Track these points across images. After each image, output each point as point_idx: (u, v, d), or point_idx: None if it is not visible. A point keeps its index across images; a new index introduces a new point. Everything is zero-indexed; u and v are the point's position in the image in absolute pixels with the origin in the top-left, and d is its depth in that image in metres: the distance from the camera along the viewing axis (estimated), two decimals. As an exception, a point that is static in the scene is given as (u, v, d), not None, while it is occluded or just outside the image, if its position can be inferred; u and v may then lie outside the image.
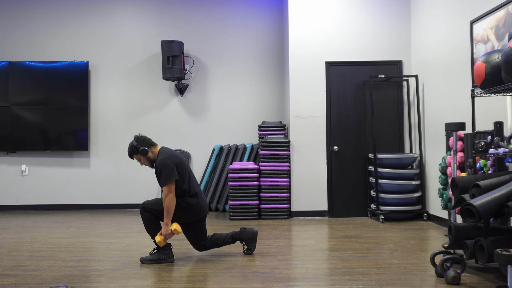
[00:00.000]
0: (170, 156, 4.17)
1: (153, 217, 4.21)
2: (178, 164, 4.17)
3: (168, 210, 4.07)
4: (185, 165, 4.26)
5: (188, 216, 4.24)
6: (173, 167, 4.11)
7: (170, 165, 4.10)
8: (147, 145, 4.23)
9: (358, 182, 6.70)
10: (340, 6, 6.76)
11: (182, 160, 4.25)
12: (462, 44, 5.25)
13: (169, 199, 4.06)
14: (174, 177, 4.09)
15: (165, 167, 4.09)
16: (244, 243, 4.46)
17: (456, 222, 3.62)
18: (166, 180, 4.07)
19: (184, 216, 4.23)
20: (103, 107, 7.80)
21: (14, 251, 4.74)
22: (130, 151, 4.25)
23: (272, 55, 7.76)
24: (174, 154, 4.22)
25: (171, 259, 4.24)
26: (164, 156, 4.17)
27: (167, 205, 4.06)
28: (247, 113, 7.74)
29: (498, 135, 3.86)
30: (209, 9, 7.79)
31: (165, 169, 4.08)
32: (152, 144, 4.27)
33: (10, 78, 7.67)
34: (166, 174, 4.07)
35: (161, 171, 4.09)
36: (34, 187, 7.79)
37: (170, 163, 4.11)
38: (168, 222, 4.09)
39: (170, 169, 4.09)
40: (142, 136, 4.28)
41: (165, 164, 4.10)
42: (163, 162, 4.11)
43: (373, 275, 3.71)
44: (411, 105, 6.69)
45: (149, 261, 4.19)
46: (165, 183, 4.07)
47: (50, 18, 7.85)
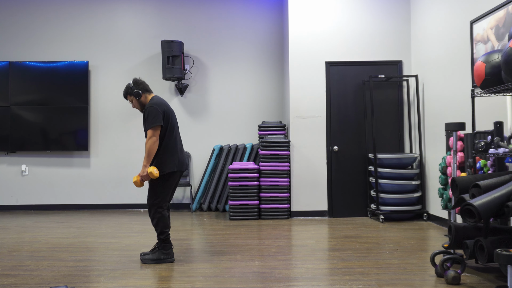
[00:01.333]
0: (159, 103, 4.22)
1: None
2: (165, 112, 4.20)
3: (149, 152, 4.09)
4: (172, 118, 4.27)
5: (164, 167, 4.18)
6: (160, 112, 4.15)
7: (158, 109, 4.15)
8: (142, 90, 4.29)
9: (358, 182, 6.70)
10: (340, 6, 6.76)
11: (170, 111, 4.27)
12: (462, 44, 5.25)
13: (151, 142, 4.09)
14: (159, 122, 4.12)
15: (152, 110, 4.14)
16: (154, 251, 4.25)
17: (456, 222, 3.62)
18: (151, 123, 4.11)
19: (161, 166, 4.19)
20: (103, 107, 7.80)
21: (14, 251, 4.74)
22: (125, 91, 4.32)
23: (272, 55, 7.76)
24: (164, 103, 4.26)
25: (172, 259, 4.24)
26: (155, 101, 4.23)
27: (149, 147, 4.09)
28: (247, 113, 7.74)
29: (498, 135, 3.86)
30: (209, 9, 7.79)
31: (152, 113, 4.13)
32: (148, 90, 4.33)
33: (10, 78, 7.67)
34: (153, 118, 4.11)
35: (148, 114, 4.14)
36: (34, 187, 7.79)
37: (159, 108, 4.17)
38: (146, 164, 4.11)
39: (157, 113, 4.13)
40: (141, 80, 4.34)
41: (153, 107, 4.16)
42: (151, 106, 4.17)
43: (373, 275, 3.71)
44: (411, 105, 6.69)
45: (150, 261, 4.19)
46: (150, 125, 4.11)
47: (50, 18, 7.85)
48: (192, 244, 4.99)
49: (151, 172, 4.08)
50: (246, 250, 4.62)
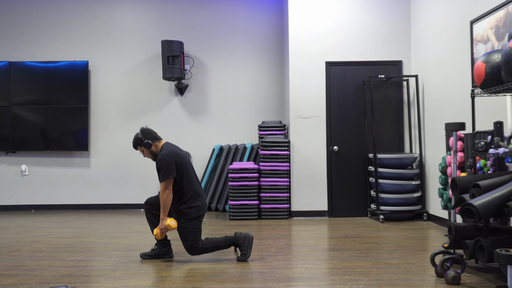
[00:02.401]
0: (171, 153, 4.18)
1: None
2: (178, 162, 4.18)
3: (164, 205, 4.11)
4: (186, 164, 4.25)
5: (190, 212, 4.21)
6: (172, 164, 4.13)
7: (169, 161, 4.13)
8: (152, 139, 4.28)
9: (358, 182, 6.70)
10: (340, 6, 6.76)
11: (183, 158, 4.24)
12: (462, 44, 5.25)
13: (165, 195, 4.10)
14: (172, 174, 4.11)
15: (164, 163, 4.12)
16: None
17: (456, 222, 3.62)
18: (164, 177, 4.10)
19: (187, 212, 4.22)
20: (103, 107, 7.80)
21: (14, 251, 4.74)
22: (135, 143, 4.32)
23: (272, 55, 7.76)
24: (176, 152, 4.22)
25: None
26: (166, 152, 4.20)
27: (163, 201, 4.11)
28: (247, 113, 7.74)
29: (498, 135, 3.86)
30: (209, 9, 7.79)
31: (164, 165, 4.11)
32: (157, 138, 4.32)
33: (10, 78, 7.67)
34: (165, 171, 4.10)
35: (160, 166, 4.13)
36: (34, 187, 7.79)
37: (170, 160, 4.14)
38: (163, 217, 4.13)
39: (169, 165, 4.11)
40: (148, 129, 4.32)
41: (165, 160, 4.13)
42: (163, 158, 4.14)
43: (373, 275, 3.71)
44: (411, 105, 6.69)
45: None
46: (163, 179, 4.11)
47: (50, 18, 7.85)
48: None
49: (168, 225, 4.12)
50: (246, 250, 4.61)
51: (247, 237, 4.23)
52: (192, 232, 4.21)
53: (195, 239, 4.22)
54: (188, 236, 4.20)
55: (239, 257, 4.24)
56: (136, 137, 4.29)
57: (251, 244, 4.23)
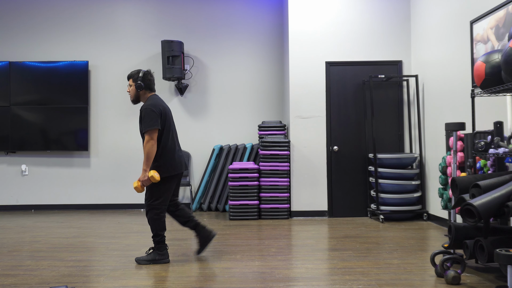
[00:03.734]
0: (156, 104, 4.15)
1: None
2: (162, 114, 4.15)
3: (148, 156, 4.04)
4: (169, 119, 4.23)
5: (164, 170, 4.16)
6: (158, 115, 4.09)
7: (155, 112, 4.08)
8: (146, 85, 4.23)
9: (358, 182, 6.70)
10: (340, 6, 6.76)
11: (167, 112, 4.22)
12: (462, 44, 5.25)
13: (149, 145, 4.03)
14: (156, 125, 4.06)
15: (150, 113, 4.07)
16: (198, 240, 4.37)
17: (456, 222, 3.62)
18: (148, 126, 4.05)
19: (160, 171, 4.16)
20: (103, 107, 7.80)
21: (14, 251, 4.74)
22: (131, 75, 4.26)
23: (272, 55, 7.76)
24: (161, 104, 4.19)
25: (167, 260, 4.23)
26: (152, 102, 4.16)
27: (147, 151, 4.03)
28: (247, 113, 7.74)
29: (498, 135, 3.86)
30: (209, 9, 7.79)
31: (149, 115, 4.06)
32: (151, 88, 4.27)
33: (10, 78, 7.67)
34: (150, 120, 4.05)
35: (145, 115, 4.08)
36: (34, 187, 7.79)
37: (156, 110, 4.10)
38: (146, 169, 4.06)
39: (154, 115, 4.07)
40: (152, 76, 4.28)
41: (151, 110, 4.08)
42: (149, 108, 4.10)
43: (373, 275, 3.71)
44: (411, 105, 6.69)
45: (145, 262, 4.19)
46: (147, 128, 4.05)
47: (50, 18, 7.85)
48: (192, 244, 4.99)
49: (152, 176, 4.03)
50: (246, 250, 4.62)
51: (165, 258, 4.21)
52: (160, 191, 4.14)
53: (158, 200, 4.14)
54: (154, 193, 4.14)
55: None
56: (137, 72, 4.24)
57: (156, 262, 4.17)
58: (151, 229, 4.21)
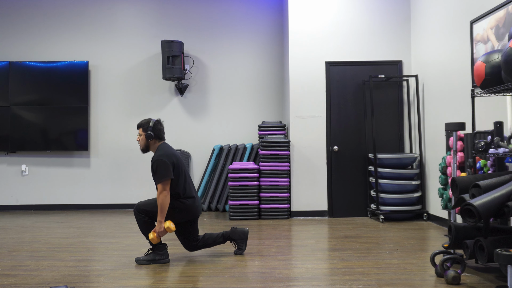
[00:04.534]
0: (168, 154, 4.16)
1: (147, 218, 4.21)
2: (175, 164, 4.16)
3: (162, 207, 4.06)
4: (182, 166, 4.24)
5: (181, 216, 4.23)
6: (169, 165, 4.10)
7: (167, 162, 4.10)
8: (156, 135, 4.26)
9: (358, 182, 6.70)
10: (340, 6, 6.76)
11: (179, 160, 4.23)
12: (462, 44, 5.25)
13: (163, 197, 4.05)
14: (169, 176, 4.08)
15: (161, 164, 4.08)
16: (235, 243, 4.45)
17: (456, 222, 3.62)
18: (161, 178, 4.06)
19: (177, 216, 4.22)
20: (103, 107, 7.80)
21: (14, 251, 4.74)
22: (141, 125, 4.29)
23: (272, 55, 7.76)
24: (172, 153, 4.21)
25: (167, 260, 4.23)
26: (162, 152, 4.17)
27: (161, 203, 4.05)
28: (247, 113, 7.74)
29: (498, 135, 3.86)
30: (209, 9, 7.79)
31: (161, 166, 4.08)
32: (160, 138, 4.29)
33: (10, 78, 7.67)
34: (162, 172, 4.07)
35: (157, 167, 4.10)
36: (34, 187, 7.79)
37: (168, 160, 4.11)
38: (161, 220, 4.08)
39: (166, 166, 4.08)
40: (162, 125, 4.31)
41: (162, 161, 4.09)
42: (160, 159, 4.10)
43: (373, 275, 3.71)
44: (411, 105, 6.69)
45: (145, 262, 4.19)
46: (160, 180, 4.06)
47: (50, 18, 7.85)
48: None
49: (168, 227, 4.07)
50: (246, 250, 4.62)
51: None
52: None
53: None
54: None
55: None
56: (147, 122, 4.27)
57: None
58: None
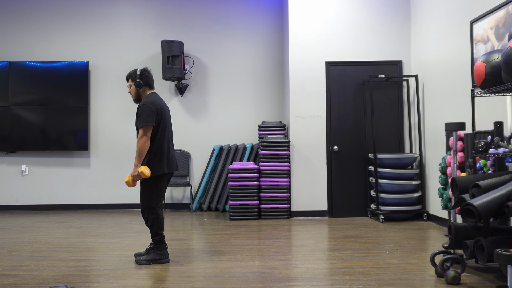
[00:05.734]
0: (154, 102, 4.17)
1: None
2: (159, 113, 4.16)
3: (140, 152, 4.06)
4: (166, 118, 4.23)
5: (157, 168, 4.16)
6: (154, 112, 4.11)
7: (151, 108, 4.11)
8: (145, 82, 4.26)
9: (358, 182, 6.70)
10: (340, 6, 6.76)
11: (164, 111, 4.22)
12: (462, 44, 5.25)
13: (142, 142, 4.06)
14: (151, 122, 4.08)
15: (146, 109, 4.10)
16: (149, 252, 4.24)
17: (456, 222, 3.62)
18: (143, 122, 4.07)
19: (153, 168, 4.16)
20: (103, 107, 7.80)
21: (14, 251, 4.74)
22: (130, 75, 4.29)
23: (272, 54, 7.76)
24: (159, 102, 4.21)
25: (167, 260, 4.24)
26: (149, 100, 4.18)
27: (140, 147, 4.05)
28: (247, 113, 7.74)
29: (498, 135, 3.86)
30: (209, 9, 7.79)
31: (146, 111, 4.09)
32: (150, 85, 4.30)
33: (10, 78, 7.67)
34: (146, 117, 4.07)
35: (141, 112, 4.11)
36: (34, 187, 7.79)
37: (153, 107, 4.12)
38: (137, 164, 4.08)
39: (150, 112, 4.09)
40: (149, 73, 4.30)
41: (147, 106, 4.11)
42: (146, 105, 4.12)
43: (373, 275, 3.71)
44: (411, 105, 6.69)
45: (145, 262, 4.20)
46: (142, 124, 4.07)
47: (50, 18, 7.85)
48: (192, 244, 4.99)
49: (142, 172, 4.05)
50: (246, 250, 4.62)
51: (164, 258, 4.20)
52: (154, 189, 4.15)
53: (152, 199, 4.16)
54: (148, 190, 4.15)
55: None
56: (134, 71, 4.28)
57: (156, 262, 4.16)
58: (150, 230, 4.22)
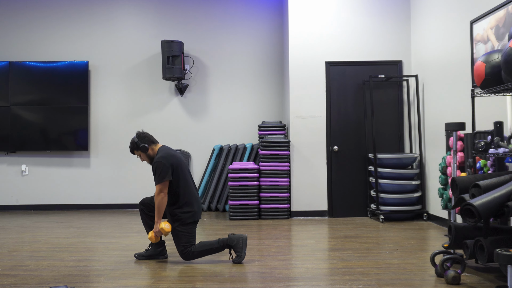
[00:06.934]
0: (167, 156, 4.18)
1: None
2: (174, 165, 4.16)
3: (159, 208, 4.11)
4: (183, 167, 4.23)
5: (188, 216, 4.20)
6: (168, 167, 4.11)
7: (165, 164, 4.11)
8: (148, 142, 4.27)
9: (358, 182, 6.70)
10: (340, 6, 6.76)
11: (180, 161, 4.22)
12: (462, 44, 5.25)
13: (160, 198, 4.09)
14: (167, 177, 4.10)
15: (160, 166, 4.11)
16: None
17: (456, 222, 3.62)
18: (159, 179, 4.09)
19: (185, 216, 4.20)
20: (103, 107, 7.80)
21: (14, 251, 4.74)
22: (131, 147, 4.33)
23: (272, 54, 7.76)
24: (172, 154, 4.22)
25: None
26: (162, 154, 4.19)
27: (158, 204, 4.10)
28: (247, 113, 7.74)
29: (498, 135, 3.86)
30: (209, 9, 7.79)
31: (160, 168, 4.10)
32: (153, 141, 4.31)
33: (10, 78, 7.67)
34: (161, 173, 4.09)
35: (156, 169, 4.13)
36: (34, 187, 7.79)
37: (166, 162, 4.13)
38: (158, 221, 4.13)
39: (165, 168, 4.10)
40: (144, 133, 4.32)
41: (161, 163, 4.12)
42: (159, 161, 4.13)
43: (373, 275, 3.71)
44: (411, 105, 6.69)
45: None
46: (158, 181, 4.09)
47: (50, 18, 7.85)
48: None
49: (162, 228, 4.11)
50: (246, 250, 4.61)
51: (241, 238, 4.16)
52: (186, 236, 4.16)
53: (189, 243, 4.17)
54: (182, 240, 4.16)
55: (234, 259, 4.16)
56: (133, 141, 4.29)
57: (245, 245, 4.15)
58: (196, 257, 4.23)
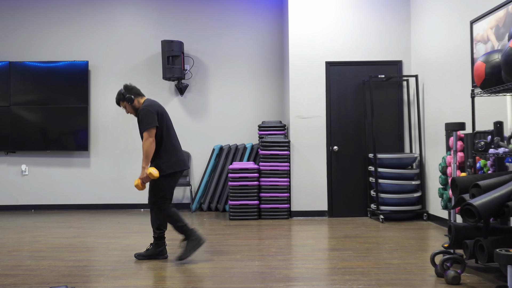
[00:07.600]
0: (153, 104, 4.26)
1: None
2: (159, 113, 4.23)
3: (147, 154, 4.13)
4: (167, 117, 4.31)
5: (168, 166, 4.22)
6: (154, 113, 4.19)
7: (151, 111, 4.19)
8: (134, 94, 4.33)
9: (358, 182, 6.70)
10: (340, 6, 6.76)
11: (164, 111, 4.30)
12: (462, 44, 5.25)
13: (148, 143, 4.12)
14: (154, 123, 4.16)
15: (146, 112, 4.18)
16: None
17: (456, 222, 3.62)
18: (146, 124, 4.14)
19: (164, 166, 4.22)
20: (103, 107, 7.80)
21: (14, 251, 4.74)
22: (118, 98, 4.37)
23: (272, 55, 7.76)
24: (157, 104, 4.30)
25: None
26: (147, 103, 4.27)
27: (146, 149, 4.12)
28: (247, 113, 7.74)
29: (498, 135, 3.86)
30: (209, 9, 7.79)
31: (146, 115, 4.16)
32: (139, 94, 4.37)
33: (10, 78, 7.67)
34: (147, 119, 4.15)
35: (142, 116, 4.18)
36: (34, 187, 7.79)
37: (152, 109, 4.20)
38: (145, 166, 4.15)
39: (151, 114, 4.17)
40: (131, 85, 4.37)
41: (147, 110, 4.19)
42: (145, 109, 4.21)
43: (373, 275, 3.71)
44: (411, 105, 6.69)
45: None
46: (145, 128, 4.14)
47: (50, 18, 7.85)
48: (192, 244, 4.99)
49: (150, 173, 4.11)
50: (246, 250, 4.62)
51: (200, 240, 4.22)
52: (162, 189, 4.21)
53: (163, 197, 4.21)
54: (156, 191, 4.21)
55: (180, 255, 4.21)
56: (119, 92, 4.34)
57: (197, 248, 4.21)
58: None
